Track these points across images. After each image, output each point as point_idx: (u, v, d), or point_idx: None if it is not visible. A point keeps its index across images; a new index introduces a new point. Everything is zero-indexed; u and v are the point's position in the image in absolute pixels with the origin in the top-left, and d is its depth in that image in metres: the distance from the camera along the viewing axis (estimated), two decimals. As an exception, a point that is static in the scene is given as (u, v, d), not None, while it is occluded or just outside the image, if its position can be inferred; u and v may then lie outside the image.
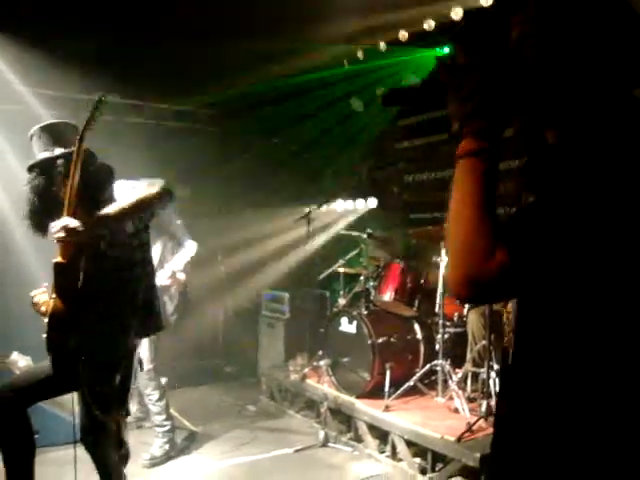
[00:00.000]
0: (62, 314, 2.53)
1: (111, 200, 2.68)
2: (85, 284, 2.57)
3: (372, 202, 7.57)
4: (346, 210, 7.76)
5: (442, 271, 4.74)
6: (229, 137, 7.98)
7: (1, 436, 2.69)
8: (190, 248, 4.50)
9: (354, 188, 7.82)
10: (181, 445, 4.65)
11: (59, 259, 2.51)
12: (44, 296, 2.72)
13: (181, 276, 4.61)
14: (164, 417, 4.42)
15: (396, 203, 7.43)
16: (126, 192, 2.73)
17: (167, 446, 4.39)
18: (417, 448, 4.17)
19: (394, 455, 4.31)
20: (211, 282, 7.24)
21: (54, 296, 2.55)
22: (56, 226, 2.45)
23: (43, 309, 2.68)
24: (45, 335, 2.57)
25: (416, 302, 4.98)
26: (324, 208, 7.47)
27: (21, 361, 5.50)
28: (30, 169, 2.67)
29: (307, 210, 5.47)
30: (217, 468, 4.30)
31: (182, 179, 7.79)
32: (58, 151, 2.64)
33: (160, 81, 6.76)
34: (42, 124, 2.72)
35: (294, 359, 5.75)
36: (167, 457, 4.37)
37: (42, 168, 2.65)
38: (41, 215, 2.63)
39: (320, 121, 7.61)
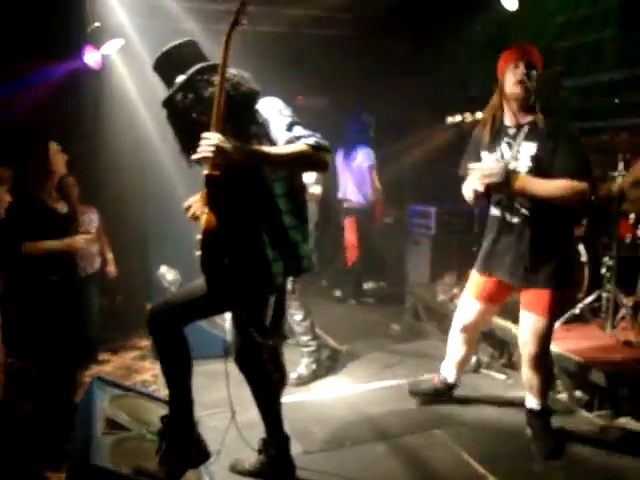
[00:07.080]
0: (214, 231, 2.40)
1: (255, 120, 2.48)
2: (234, 203, 2.42)
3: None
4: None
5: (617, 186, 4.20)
6: (369, 43, 7.45)
7: (160, 352, 2.66)
8: None
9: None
10: (327, 364, 4.59)
11: (208, 171, 2.34)
12: (197, 205, 2.62)
13: (316, 190, 4.42)
14: (309, 337, 4.36)
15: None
16: (271, 112, 2.49)
17: (314, 365, 4.35)
18: (579, 381, 3.82)
19: (553, 387, 3.98)
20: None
21: (206, 211, 2.41)
22: (204, 142, 2.25)
23: (193, 212, 2.64)
24: (198, 253, 2.45)
25: (584, 220, 4.47)
26: (469, 118, 6.96)
27: (169, 274, 5.67)
28: (163, 106, 2.54)
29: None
30: (364, 390, 4.21)
31: (319, 89, 7.50)
32: (179, 79, 2.46)
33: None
34: (158, 54, 2.51)
35: (441, 278, 5.46)
36: (314, 376, 4.34)
37: (171, 104, 2.50)
38: (190, 145, 2.44)
39: (466, 23, 6.94)
